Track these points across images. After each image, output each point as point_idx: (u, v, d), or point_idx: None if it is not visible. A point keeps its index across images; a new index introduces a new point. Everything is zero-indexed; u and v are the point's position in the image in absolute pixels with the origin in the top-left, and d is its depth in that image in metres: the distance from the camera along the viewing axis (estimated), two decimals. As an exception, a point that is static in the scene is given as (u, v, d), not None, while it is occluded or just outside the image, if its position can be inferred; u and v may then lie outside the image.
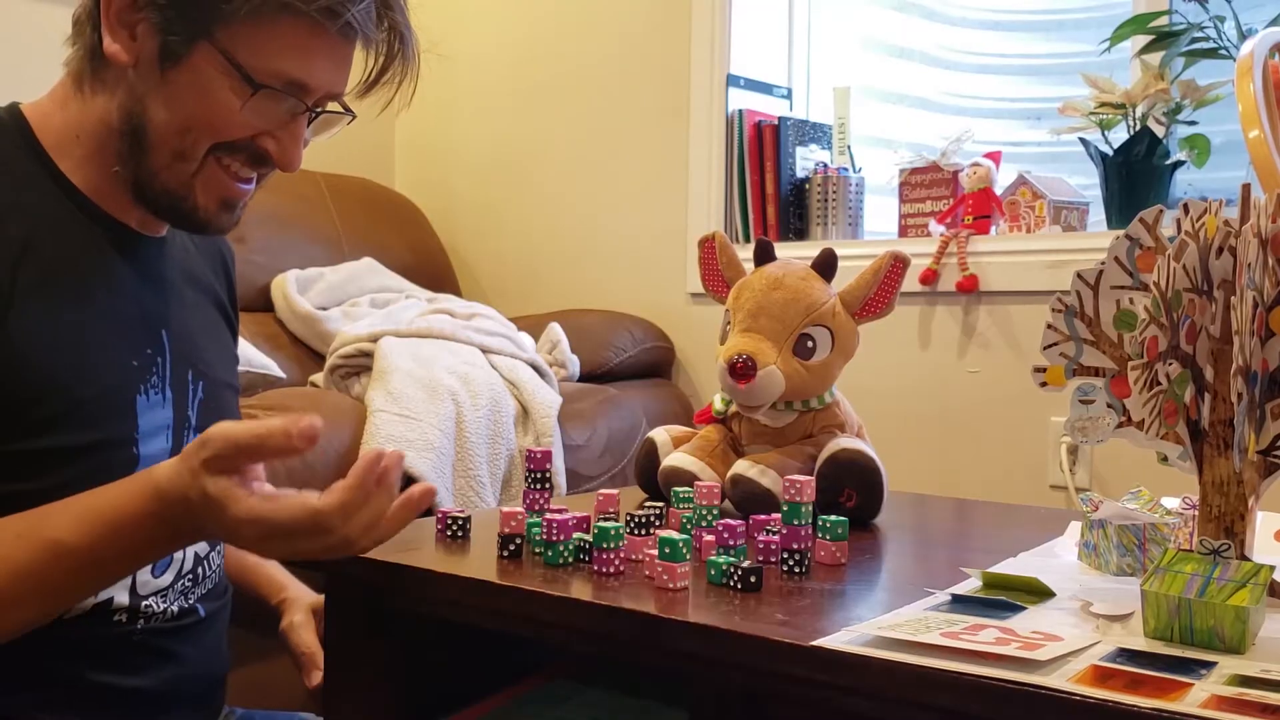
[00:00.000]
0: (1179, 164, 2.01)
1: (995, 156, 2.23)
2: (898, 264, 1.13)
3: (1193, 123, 2.00)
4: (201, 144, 0.93)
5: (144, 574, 0.97)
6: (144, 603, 0.97)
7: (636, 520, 0.91)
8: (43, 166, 0.94)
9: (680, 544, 0.81)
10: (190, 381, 1.02)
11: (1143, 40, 1.98)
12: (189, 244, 1.11)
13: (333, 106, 0.99)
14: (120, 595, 0.95)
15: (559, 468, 1.94)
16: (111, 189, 0.96)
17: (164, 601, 0.99)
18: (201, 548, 1.03)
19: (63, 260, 0.93)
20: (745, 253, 1.19)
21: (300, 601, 1.22)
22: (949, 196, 2.26)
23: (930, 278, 2.18)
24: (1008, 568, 0.89)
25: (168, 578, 0.99)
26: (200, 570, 1.03)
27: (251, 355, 1.97)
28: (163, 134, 0.93)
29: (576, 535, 0.90)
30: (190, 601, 1.02)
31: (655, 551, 0.82)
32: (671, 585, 0.81)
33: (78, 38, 0.96)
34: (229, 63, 0.91)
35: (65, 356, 0.91)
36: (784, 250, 1.20)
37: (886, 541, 1.05)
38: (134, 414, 0.95)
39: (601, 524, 0.86)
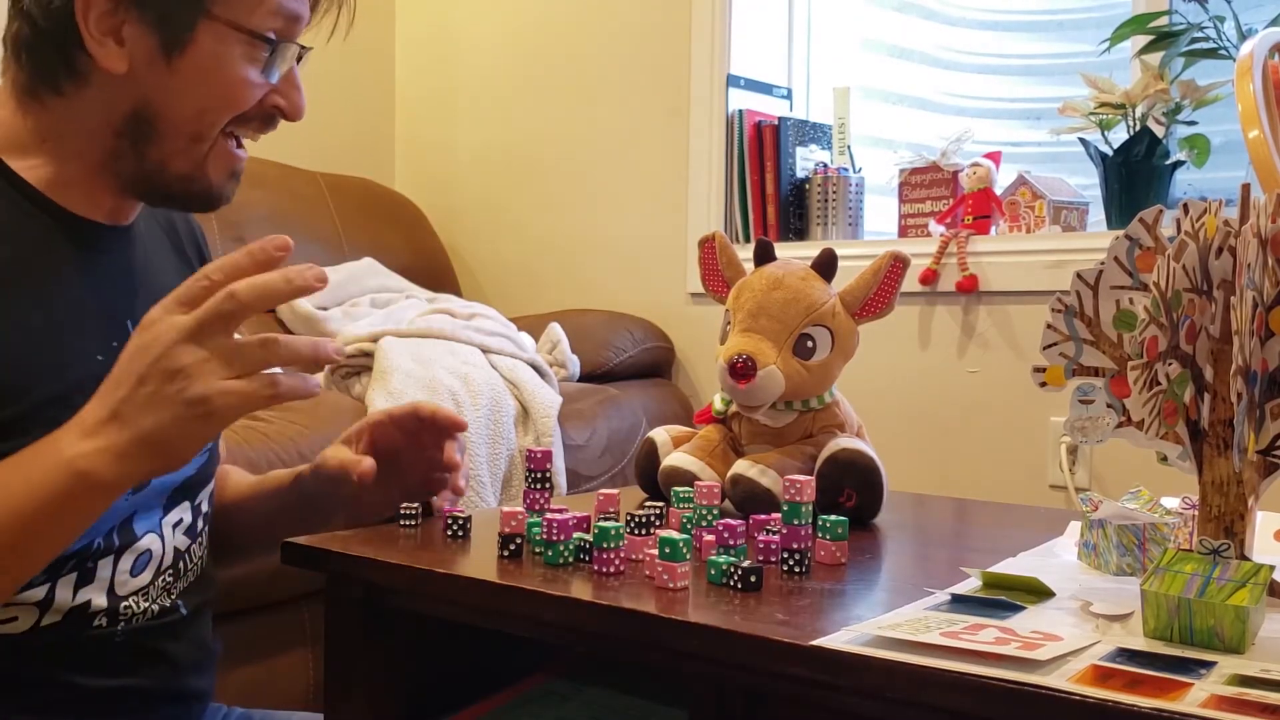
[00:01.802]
0: (1179, 164, 2.01)
1: (995, 157, 2.24)
2: (897, 264, 1.13)
3: (1192, 123, 2.00)
4: (219, 121, 0.93)
5: (123, 574, 0.95)
6: (123, 604, 0.96)
7: (636, 520, 0.91)
8: None
9: (680, 544, 0.81)
10: None
11: (1142, 40, 1.99)
12: (158, 231, 1.09)
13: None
14: (98, 597, 0.94)
15: (559, 468, 1.94)
16: (78, 185, 0.95)
17: (145, 600, 0.98)
18: (181, 541, 1.02)
19: (17, 260, 0.91)
20: (745, 253, 1.19)
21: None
22: (949, 197, 2.26)
23: (930, 278, 2.18)
24: (1007, 568, 0.89)
25: (147, 575, 0.98)
26: (181, 565, 1.02)
27: (252, 355, 1.97)
28: (177, 122, 0.92)
29: (576, 535, 0.90)
30: (172, 599, 1.01)
31: (655, 551, 0.82)
32: (671, 585, 0.81)
33: (31, 53, 0.93)
34: (237, 30, 0.91)
35: (25, 357, 0.89)
36: (784, 250, 1.20)
37: (886, 541, 1.05)
38: None
39: (601, 524, 0.86)
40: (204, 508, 1.06)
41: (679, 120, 2.57)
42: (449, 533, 0.98)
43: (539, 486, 1.04)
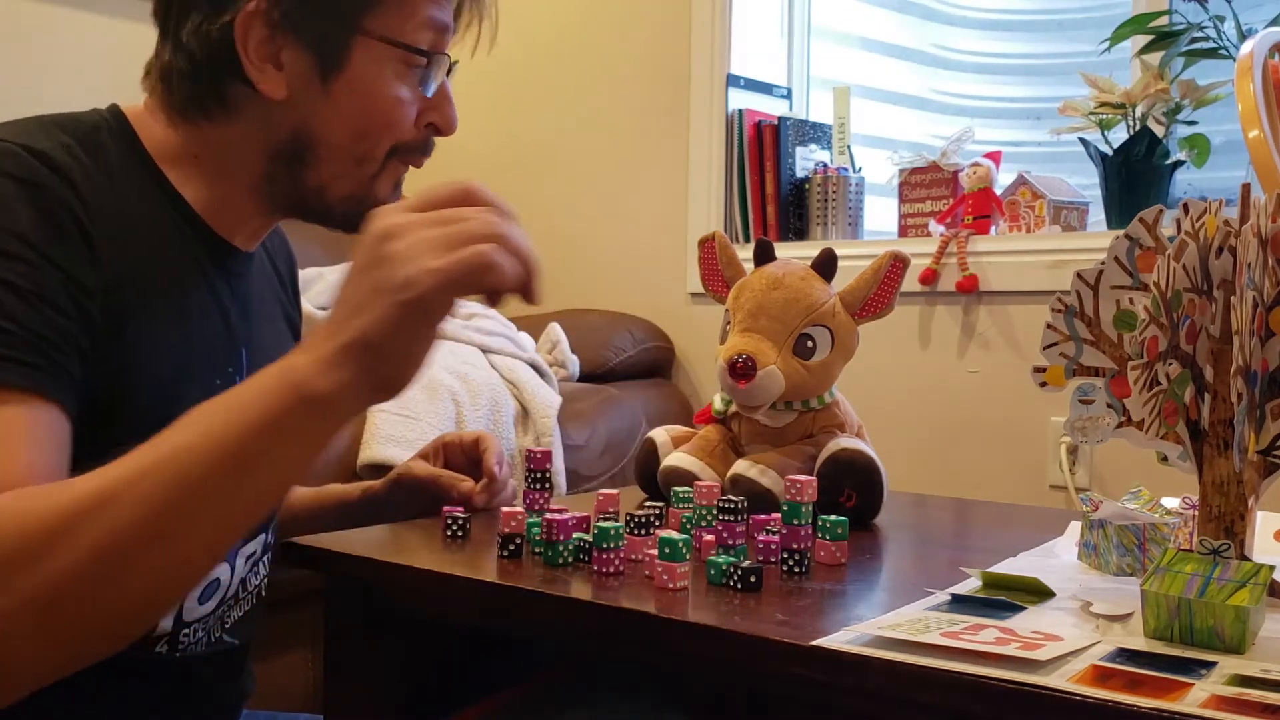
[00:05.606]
0: (1179, 164, 2.01)
1: (995, 156, 2.23)
2: (897, 264, 1.13)
3: (1192, 123, 2.00)
4: (382, 145, 0.93)
5: (192, 599, 0.94)
6: (184, 631, 0.95)
7: (636, 520, 0.91)
8: (152, 177, 0.92)
9: (680, 544, 0.81)
10: None
11: (1142, 40, 1.98)
12: (264, 256, 1.09)
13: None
14: (165, 621, 0.93)
15: (559, 468, 1.94)
16: (224, 206, 0.95)
17: (201, 629, 0.97)
18: (244, 570, 1.01)
19: (168, 277, 0.91)
20: (745, 253, 1.19)
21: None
22: (949, 196, 2.26)
23: (930, 278, 2.18)
24: (1008, 568, 0.89)
25: (211, 604, 0.97)
26: (238, 594, 1.01)
27: (251, 355, 1.97)
28: (336, 145, 0.92)
29: (576, 535, 0.90)
30: (222, 630, 1.01)
31: (655, 551, 0.82)
32: (671, 585, 0.81)
33: (184, 82, 0.92)
34: (392, 45, 0.90)
35: (158, 374, 0.88)
36: (784, 250, 1.20)
37: (886, 541, 1.05)
38: None
39: (601, 524, 0.86)
40: (269, 538, 1.05)
41: (679, 120, 2.57)
42: (449, 533, 0.98)
43: (539, 487, 1.04)
